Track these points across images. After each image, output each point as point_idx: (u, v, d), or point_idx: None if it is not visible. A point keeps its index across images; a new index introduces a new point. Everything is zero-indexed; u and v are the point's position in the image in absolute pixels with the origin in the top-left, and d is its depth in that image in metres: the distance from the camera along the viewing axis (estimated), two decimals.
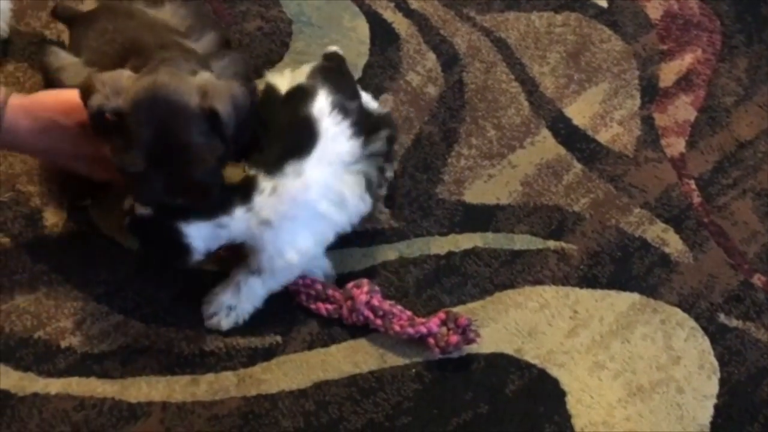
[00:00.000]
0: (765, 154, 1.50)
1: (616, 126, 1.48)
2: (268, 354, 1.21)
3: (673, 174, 1.45)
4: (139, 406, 1.15)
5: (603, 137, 1.47)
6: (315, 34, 1.49)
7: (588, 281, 1.32)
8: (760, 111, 1.54)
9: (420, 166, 1.39)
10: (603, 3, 1.61)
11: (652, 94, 1.53)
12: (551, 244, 1.35)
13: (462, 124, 1.45)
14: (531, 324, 1.28)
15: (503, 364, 1.24)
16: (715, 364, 1.28)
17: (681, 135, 1.49)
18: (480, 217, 1.36)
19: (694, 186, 1.44)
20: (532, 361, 1.25)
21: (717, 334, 1.31)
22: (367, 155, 1.22)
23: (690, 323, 1.31)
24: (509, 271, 1.32)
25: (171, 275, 1.23)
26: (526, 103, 1.48)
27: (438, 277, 1.30)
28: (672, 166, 1.46)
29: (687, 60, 1.57)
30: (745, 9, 1.64)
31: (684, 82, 1.55)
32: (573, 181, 1.42)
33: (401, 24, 1.53)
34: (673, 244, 1.38)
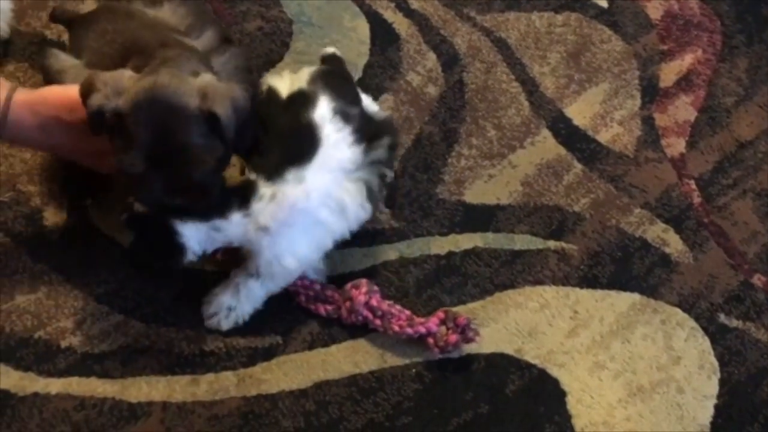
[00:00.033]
0: (765, 154, 1.50)
1: (616, 126, 1.48)
2: (268, 354, 1.21)
3: (674, 174, 1.45)
4: (140, 405, 1.15)
5: (603, 137, 1.47)
6: (315, 34, 1.49)
7: (588, 281, 1.32)
8: (760, 111, 1.54)
9: (420, 166, 1.39)
10: (603, 3, 1.61)
11: (652, 94, 1.53)
12: (551, 244, 1.35)
13: (462, 124, 1.45)
14: (531, 324, 1.28)
15: (503, 364, 1.24)
16: (716, 364, 1.28)
17: (681, 135, 1.49)
18: (480, 217, 1.36)
19: (694, 186, 1.44)
20: (532, 361, 1.25)
21: (717, 334, 1.31)
22: (369, 162, 1.20)
23: (690, 323, 1.31)
24: (509, 271, 1.32)
25: (171, 275, 1.23)
26: (526, 103, 1.48)
27: (438, 277, 1.30)
28: (672, 166, 1.46)
29: (687, 60, 1.57)
30: (746, 9, 1.64)
31: (684, 82, 1.55)
32: (573, 181, 1.41)
33: (401, 24, 1.53)
34: (674, 244, 1.38)
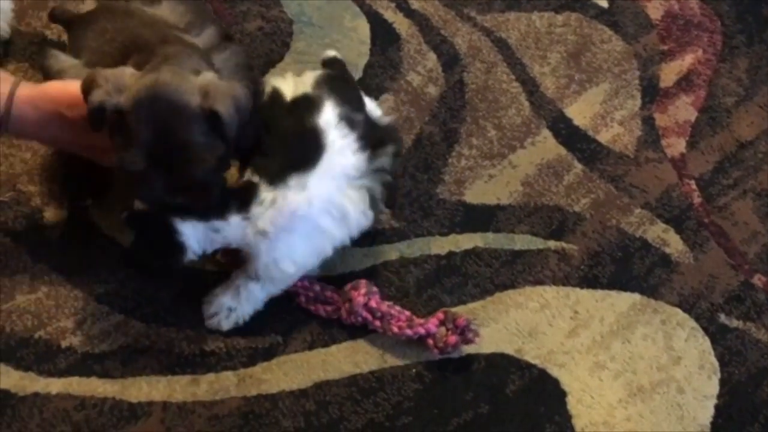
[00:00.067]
0: (765, 154, 1.49)
1: (616, 126, 1.48)
2: (268, 354, 1.21)
3: (674, 174, 1.45)
4: (140, 405, 1.15)
5: (603, 137, 1.47)
6: (316, 34, 1.49)
7: (588, 281, 1.32)
8: (760, 111, 1.54)
9: (421, 166, 1.39)
10: (604, 3, 1.61)
11: (652, 94, 1.53)
12: (552, 244, 1.35)
13: (463, 124, 1.44)
14: (531, 324, 1.28)
15: (504, 364, 1.24)
16: (716, 364, 1.28)
17: (681, 135, 1.49)
18: (480, 217, 1.36)
19: (694, 186, 1.44)
20: (532, 362, 1.25)
21: (717, 334, 1.31)
22: (372, 170, 1.19)
23: (690, 323, 1.31)
24: (510, 271, 1.32)
25: (171, 275, 1.23)
26: (526, 104, 1.48)
27: (438, 277, 1.30)
28: (672, 166, 1.46)
29: (687, 60, 1.57)
30: (746, 9, 1.64)
31: (684, 82, 1.55)
32: (573, 182, 1.41)
33: (402, 24, 1.53)
34: (674, 244, 1.38)
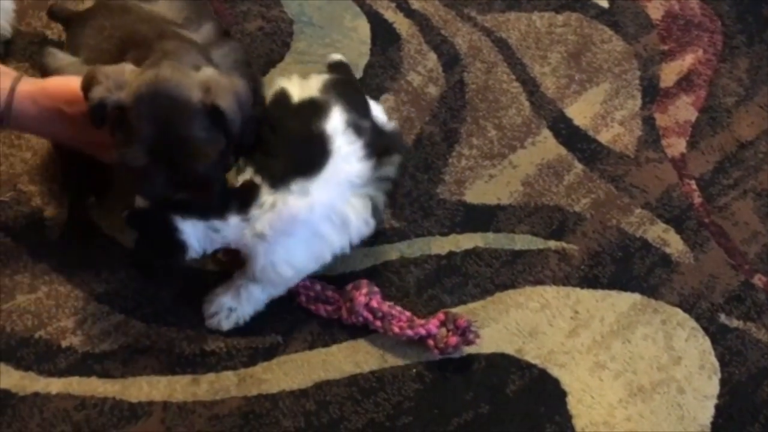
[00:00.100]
0: (766, 154, 1.49)
1: (617, 126, 1.48)
2: (268, 354, 1.21)
3: (674, 174, 1.45)
4: (140, 405, 1.15)
5: (604, 137, 1.47)
6: (316, 34, 1.49)
7: (589, 281, 1.32)
8: (760, 111, 1.54)
9: (421, 166, 1.39)
10: (604, 3, 1.61)
11: (653, 94, 1.53)
12: (552, 244, 1.35)
13: (463, 124, 1.44)
14: (532, 324, 1.28)
15: (504, 364, 1.24)
16: (716, 364, 1.28)
17: (682, 135, 1.49)
18: (481, 217, 1.36)
19: (694, 186, 1.44)
20: (532, 362, 1.25)
21: (718, 334, 1.31)
22: (376, 178, 1.18)
23: (691, 323, 1.31)
24: (510, 271, 1.32)
25: (172, 275, 1.23)
26: (527, 104, 1.48)
27: (439, 277, 1.30)
28: (673, 166, 1.46)
29: (688, 60, 1.57)
30: (746, 9, 1.64)
31: (685, 82, 1.55)
32: (574, 182, 1.41)
33: (402, 24, 1.53)
34: (674, 244, 1.38)
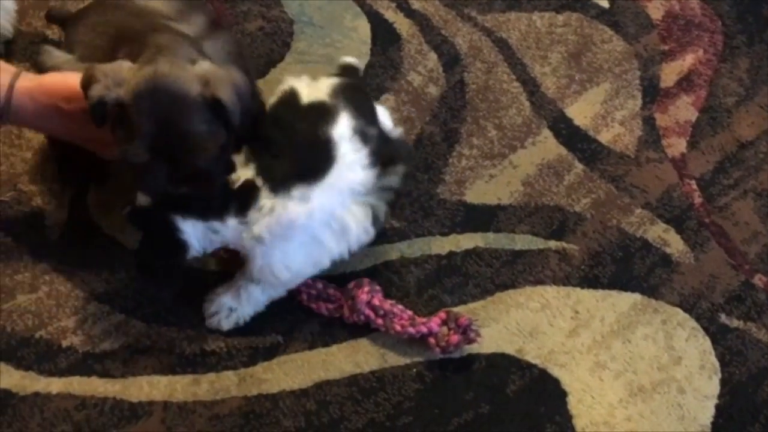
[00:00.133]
0: (766, 154, 1.49)
1: (617, 126, 1.48)
2: (269, 353, 1.21)
3: (674, 174, 1.45)
4: (141, 405, 1.15)
5: (604, 137, 1.47)
6: (316, 34, 1.49)
7: (589, 281, 1.32)
8: (761, 111, 1.54)
9: (421, 166, 1.39)
10: (604, 3, 1.61)
11: (653, 94, 1.53)
12: (552, 244, 1.35)
13: (463, 124, 1.45)
14: (532, 324, 1.28)
15: (504, 364, 1.24)
16: (716, 364, 1.28)
17: (682, 135, 1.49)
18: (481, 217, 1.36)
19: (695, 186, 1.44)
20: (533, 361, 1.25)
21: (718, 334, 1.31)
22: (379, 187, 1.16)
23: (691, 323, 1.31)
24: (510, 271, 1.32)
25: (175, 276, 1.23)
26: (527, 104, 1.48)
27: (439, 277, 1.30)
28: (673, 166, 1.46)
29: (688, 60, 1.57)
30: (747, 9, 1.64)
31: (685, 82, 1.55)
32: (574, 182, 1.42)
33: (402, 24, 1.53)
34: (674, 244, 1.38)
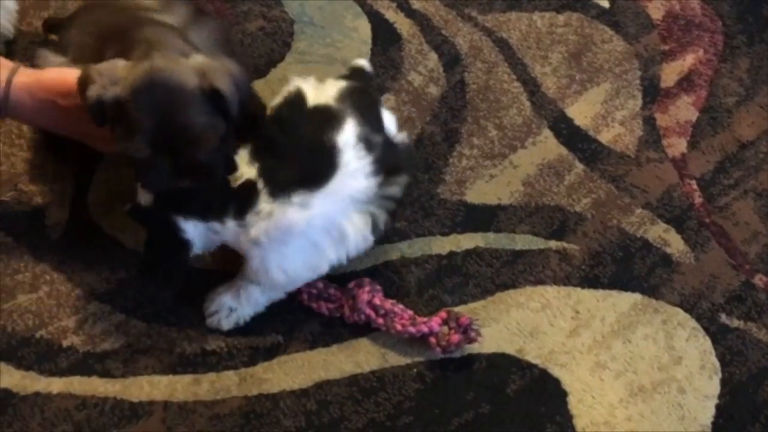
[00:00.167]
0: (766, 154, 1.49)
1: (617, 126, 1.48)
2: (269, 353, 1.21)
3: (675, 174, 1.45)
4: (141, 405, 1.15)
5: (604, 137, 1.47)
6: (317, 34, 1.49)
7: (589, 281, 1.32)
8: (761, 111, 1.54)
9: (421, 166, 1.39)
10: (605, 3, 1.61)
11: (653, 94, 1.53)
12: (553, 244, 1.35)
13: (463, 124, 1.45)
14: (532, 324, 1.28)
15: (505, 364, 1.24)
16: (717, 364, 1.28)
17: (682, 135, 1.49)
18: (481, 217, 1.36)
19: (695, 186, 1.44)
20: (533, 361, 1.25)
21: (718, 334, 1.31)
22: (381, 196, 1.15)
23: (691, 323, 1.31)
24: (511, 271, 1.32)
25: (175, 277, 1.23)
26: (527, 103, 1.48)
27: (439, 277, 1.30)
28: (673, 166, 1.46)
29: (688, 60, 1.57)
30: (747, 10, 1.64)
31: (685, 82, 1.55)
32: (574, 182, 1.42)
33: (403, 24, 1.53)
34: (675, 244, 1.38)
